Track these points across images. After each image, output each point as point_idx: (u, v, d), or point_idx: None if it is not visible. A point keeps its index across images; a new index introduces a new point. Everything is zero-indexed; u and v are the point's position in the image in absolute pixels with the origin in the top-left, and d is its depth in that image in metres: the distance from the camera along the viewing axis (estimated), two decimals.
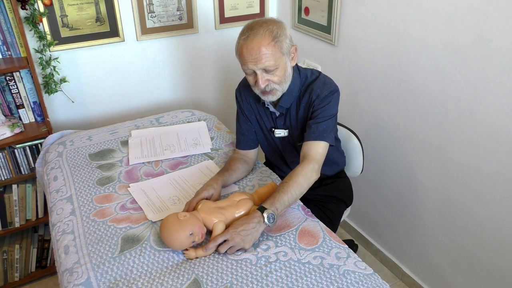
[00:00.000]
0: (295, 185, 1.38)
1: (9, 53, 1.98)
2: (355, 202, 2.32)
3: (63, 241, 1.35)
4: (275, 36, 1.39)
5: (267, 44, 1.37)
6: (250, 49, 1.38)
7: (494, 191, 1.61)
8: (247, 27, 1.43)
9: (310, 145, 1.47)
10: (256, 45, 1.37)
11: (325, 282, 1.18)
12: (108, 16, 2.14)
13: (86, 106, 2.28)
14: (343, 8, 2.07)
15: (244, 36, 1.40)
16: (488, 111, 1.55)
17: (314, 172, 1.43)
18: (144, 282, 1.19)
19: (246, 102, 1.66)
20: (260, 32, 1.38)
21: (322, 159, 1.48)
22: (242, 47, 1.41)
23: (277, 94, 1.48)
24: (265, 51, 1.37)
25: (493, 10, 1.44)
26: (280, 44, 1.40)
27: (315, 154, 1.46)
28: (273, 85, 1.45)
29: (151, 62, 2.37)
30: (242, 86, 1.68)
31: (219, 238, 1.27)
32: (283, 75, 1.45)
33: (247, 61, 1.40)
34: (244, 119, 1.69)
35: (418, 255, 2.07)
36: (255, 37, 1.38)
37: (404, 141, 1.95)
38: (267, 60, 1.38)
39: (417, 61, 1.76)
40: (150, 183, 1.61)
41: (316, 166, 1.44)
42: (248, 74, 1.46)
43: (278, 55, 1.40)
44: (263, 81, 1.42)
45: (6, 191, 2.05)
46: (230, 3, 2.44)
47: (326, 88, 1.50)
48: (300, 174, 1.40)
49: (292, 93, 1.54)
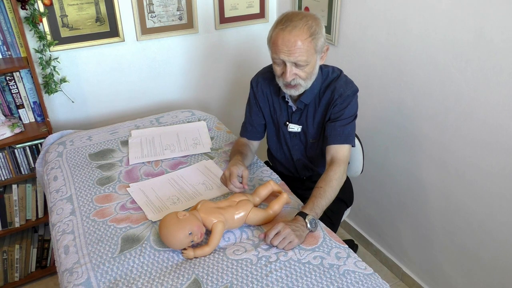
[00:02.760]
0: (330, 190, 1.43)
1: (9, 53, 1.97)
2: (355, 202, 2.31)
3: (63, 241, 1.35)
4: (313, 32, 1.39)
5: (304, 39, 1.37)
6: (287, 41, 1.37)
7: (494, 190, 1.61)
8: (286, 17, 1.42)
9: (338, 149, 1.50)
10: (293, 37, 1.37)
11: (325, 282, 1.18)
12: (108, 16, 2.14)
13: (86, 106, 2.28)
14: (343, 8, 2.07)
15: (282, 26, 1.39)
16: (488, 110, 1.55)
17: (345, 174, 1.50)
18: (144, 282, 1.19)
19: (262, 93, 1.65)
20: (299, 25, 1.37)
21: (348, 160, 1.54)
22: (278, 36, 1.40)
23: (300, 89, 1.49)
24: (300, 46, 1.37)
25: (494, 10, 1.44)
26: (316, 41, 1.40)
27: (343, 157, 1.50)
28: (299, 80, 1.45)
29: (151, 62, 2.37)
30: (260, 77, 1.67)
31: (272, 231, 1.28)
32: (310, 72, 1.46)
33: (280, 51, 1.40)
34: (256, 110, 1.69)
35: (418, 255, 2.07)
36: (293, 29, 1.37)
37: (404, 141, 1.95)
38: (301, 54, 1.38)
39: (417, 61, 1.76)
40: (149, 183, 1.61)
41: (344, 167, 1.50)
42: (277, 64, 1.46)
43: (312, 52, 1.41)
44: (290, 74, 1.43)
45: (6, 191, 2.05)
46: (230, 3, 2.44)
47: (349, 87, 1.52)
48: (334, 178, 1.45)
49: (313, 89, 1.54)
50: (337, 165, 1.47)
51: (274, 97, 1.64)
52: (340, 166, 1.48)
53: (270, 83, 1.60)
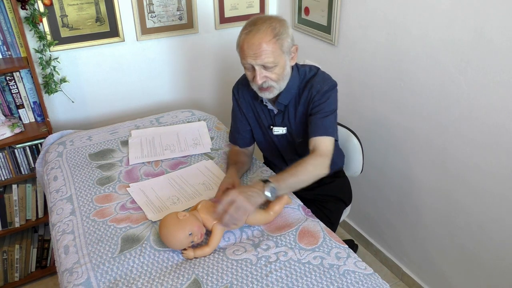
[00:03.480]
0: (303, 171, 1.38)
1: (9, 53, 1.97)
2: (355, 202, 2.32)
3: (63, 241, 1.35)
4: (277, 33, 1.39)
5: (268, 40, 1.38)
6: (251, 44, 1.39)
7: (494, 190, 1.61)
8: (250, 22, 1.44)
9: (319, 140, 1.47)
10: (257, 40, 1.38)
11: (325, 282, 1.18)
12: (108, 16, 2.14)
13: (86, 106, 2.28)
14: (343, 8, 2.07)
15: (246, 31, 1.41)
16: (488, 110, 1.55)
17: (325, 167, 1.43)
18: (144, 282, 1.19)
19: (244, 99, 1.67)
20: (262, 28, 1.39)
21: (331, 155, 1.47)
22: (243, 41, 1.41)
23: (274, 91, 1.49)
24: (265, 48, 1.38)
25: (494, 10, 1.44)
26: (281, 42, 1.40)
27: (326, 150, 1.45)
28: (271, 82, 1.46)
29: (151, 62, 2.37)
30: (240, 83, 1.69)
31: (225, 199, 1.26)
32: (281, 73, 1.46)
33: (247, 55, 1.41)
34: (240, 117, 1.70)
35: (418, 255, 2.07)
36: (257, 32, 1.38)
37: (404, 140, 1.95)
38: (267, 56, 1.39)
39: (417, 61, 1.76)
40: (149, 183, 1.61)
41: (327, 161, 1.44)
42: (247, 69, 1.47)
43: (278, 52, 1.41)
44: (260, 77, 1.43)
45: (6, 191, 2.05)
46: (230, 3, 2.44)
47: (326, 83, 1.51)
48: (311, 163, 1.40)
49: (290, 90, 1.54)
50: (318, 154, 1.43)
51: (255, 102, 1.65)
52: (321, 156, 1.43)
53: (250, 89, 1.60)
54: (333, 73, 2.23)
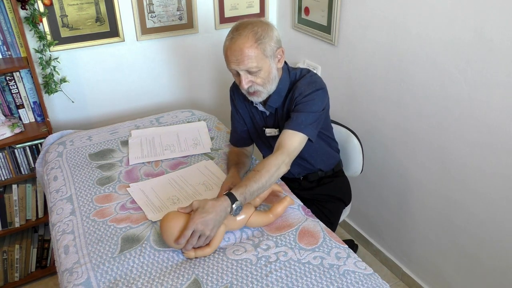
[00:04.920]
0: (267, 175, 1.35)
1: (9, 53, 1.98)
2: (355, 202, 2.32)
3: (63, 241, 1.35)
4: (258, 38, 1.39)
5: (250, 46, 1.38)
6: (233, 50, 1.39)
7: (494, 191, 1.61)
8: (233, 27, 1.44)
9: (287, 135, 1.45)
10: (238, 46, 1.38)
11: (325, 282, 1.18)
12: (108, 16, 2.14)
13: (86, 106, 2.28)
14: (343, 8, 2.07)
15: (229, 37, 1.42)
16: (488, 111, 1.55)
17: (285, 165, 1.41)
18: (144, 282, 1.19)
19: (240, 100, 1.68)
20: (244, 33, 1.39)
21: (295, 153, 1.45)
22: (227, 48, 1.43)
23: (261, 95, 1.50)
24: (247, 53, 1.38)
25: (494, 10, 1.44)
26: (263, 46, 1.40)
27: (290, 147, 1.43)
28: (257, 87, 1.46)
29: (151, 62, 2.37)
30: (235, 85, 1.69)
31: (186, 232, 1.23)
32: (266, 77, 1.45)
33: (230, 61, 1.42)
34: (237, 118, 1.71)
35: (418, 255, 2.07)
36: (238, 38, 1.39)
37: (404, 141, 1.95)
38: (250, 62, 1.39)
39: (417, 61, 1.76)
40: (149, 183, 1.61)
41: (288, 159, 1.42)
42: (234, 74, 1.48)
43: (261, 57, 1.41)
44: (246, 82, 1.44)
45: (6, 191, 2.05)
46: (230, 3, 2.44)
47: (311, 86, 1.49)
48: (273, 164, 1.38)
49: (281, 92, 1.55)
50: (280, 152, 1.41)
51: (249, 104, 1.65)
52: (283, 154, 1.40)
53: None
54: (333, 73, 2.25)
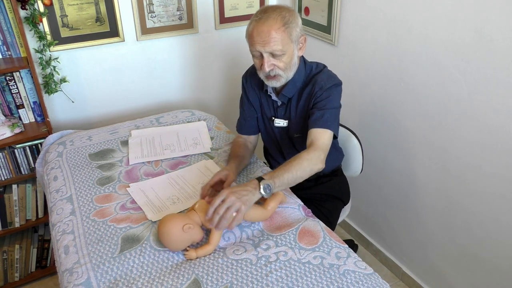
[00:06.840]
0: (298, 167, 1.36)
1: (9, 53, 1.98)
2: (355, 202, 2.32)
3: (63, 241, 1.35)
4: (286, 22, 1.41)
5: (278, 28, 1.39)
6: (261, 31, 1.40)
7: (494, 190, 1.61)
8: (261, 10, 1.45)
9: (317, 133, 1.46)
10: (266, 28, 1.39)
11: (325, 282, 1.18)
12: (108, 16, 2.14)
13: (86, 106, 2.28)
14: (343, 8, 2.07)
15: (256, 18, 1.43)
16: (488, 111, 1.55)
17: (320, 161, 1.41)
18: (144, 282, 1.19)
19: (252, 88, 1.68)
20: (272, 16, 1.40)
21: (327, 149, 1.47)
22: (253, 29, 1.43)
23: (281, 80, 1.50)
24: (274, 35, 1.39)
25: (494, 10, 1.44)
26: (290, 30, 1.42)
27: (322, 144, 1.45)
28: (278, 71, 1.47)
29: (151, 62, 2.37)
30: (249, 73, 1.70)
31: (216, 200, 1.24)
32: (289, 62, 1.47)
33: (255, 42, 1.42)
34: (248, 105, 1.71)
35: (418, 255, 2.07)
36: (267, 20, 1.40)
37: (404, 140, 1.95)
38: (276, 44, 1.40)
39: (417, 61, 1.76)
40: (149, 183, 1.61)
41: (322, 155, 1.43)
42: (255, 57, 1.48)
43: (287, 41, 1.42)
44: (268, 65, 1.44)
45: (6, 191, 2.05)
46: (230, 3, 2.44)
47: (330, 81, 1.52)
48: (306, 158, 1.39)
49: (295, 83, 1.55)
50: (313, 149, 1.42)
51: (261, 93, 1.66)
52: (317, 151, 1.41)
53: (257, 79, 1.62)
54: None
